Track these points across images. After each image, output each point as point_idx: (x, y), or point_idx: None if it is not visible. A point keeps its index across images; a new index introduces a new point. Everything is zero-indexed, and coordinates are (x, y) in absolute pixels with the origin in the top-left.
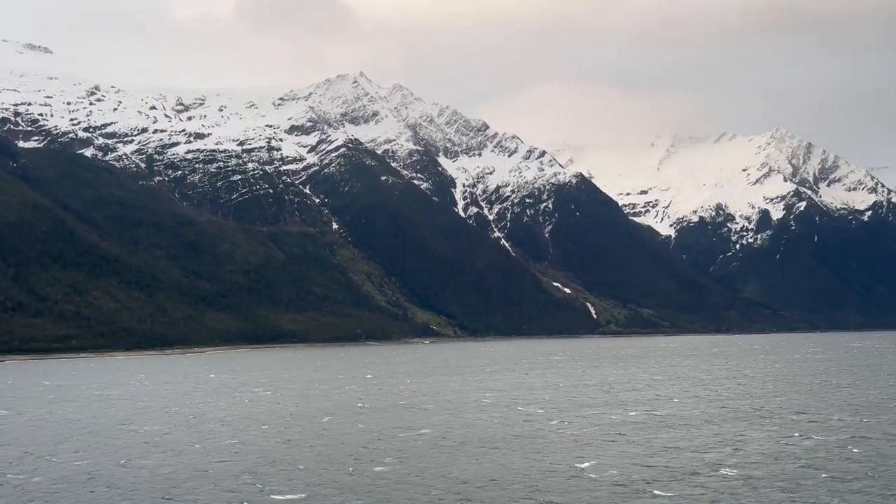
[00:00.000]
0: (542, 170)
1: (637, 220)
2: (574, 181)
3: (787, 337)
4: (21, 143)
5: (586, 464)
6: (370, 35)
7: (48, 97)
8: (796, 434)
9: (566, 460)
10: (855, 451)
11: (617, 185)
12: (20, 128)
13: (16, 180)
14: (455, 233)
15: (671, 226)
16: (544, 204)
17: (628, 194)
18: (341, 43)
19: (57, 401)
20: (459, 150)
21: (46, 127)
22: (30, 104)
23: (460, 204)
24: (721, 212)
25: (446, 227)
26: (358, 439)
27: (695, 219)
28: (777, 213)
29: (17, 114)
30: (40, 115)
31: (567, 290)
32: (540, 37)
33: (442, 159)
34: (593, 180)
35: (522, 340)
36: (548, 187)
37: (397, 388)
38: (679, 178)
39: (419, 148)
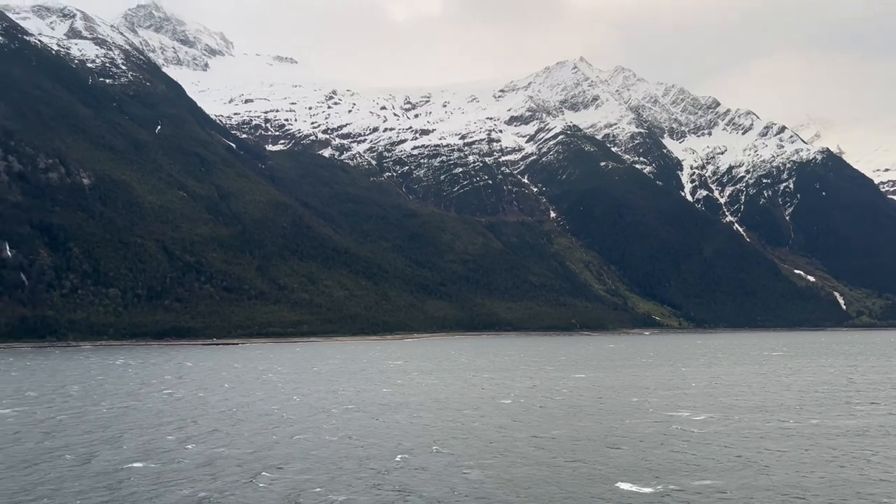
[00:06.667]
0: (782, 147)
1: None
2: (820, 158)
3: None
4: (269, 147)
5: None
6: (584, 20)
7: (293, 103)
8: None
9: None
10: None
11: (872, 161)
12: (269, 132)
13: (263, 181)
14: (681, 218)
15: None
16: (784, 184)
17: (886, 170)
18: (554, 30)
19: (229, 382)
20: (686, 130)
21: (291, 131)
22: (277, 111)
23: (687, 187)
24: None
25: (671, 212)
26: (431, 432)
27: None
28: None
29: (266, 120)
30: (286, 120)
31: (811, 279)
32: (764, 4)
33: (667, 141)
34: (843, 156)
35: (755, 333)
36: (788, 166)
37: (552, 383)
38: None
39: (642, 130)
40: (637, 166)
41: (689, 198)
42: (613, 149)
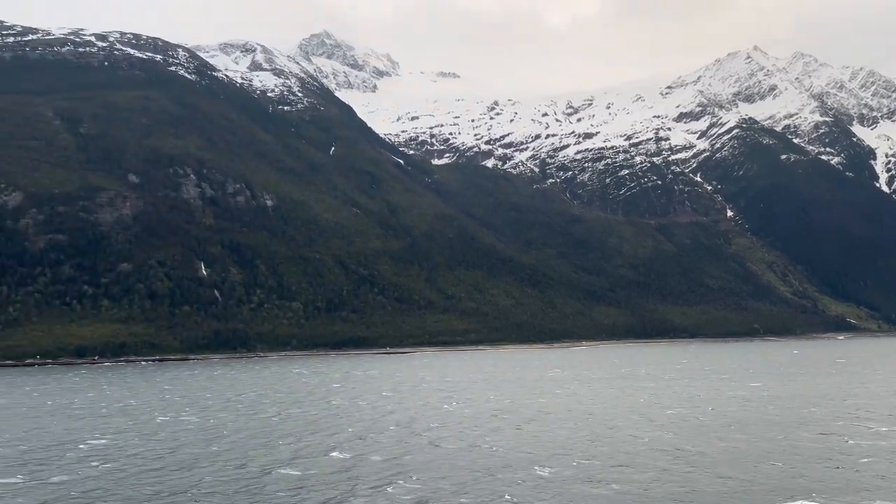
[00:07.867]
0: None
1: None
2: None
3: None
4: (435, 161)
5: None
6: (754, 6)
7: (456, 117)
8: None
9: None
10: None
11: None
12: (434, 147)
13: (429, 194)
14: (876, 211)
15: None
16: None
17: None
18: (721, 21)
19: (388, 391)
20: (879, 115)
21: (455, 144)
22: (442, 125)
23: (882, 177)
24: None
25: (864, 205)
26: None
27: None
28: None
29: (432, 135)
30: (450, 134)
31: None
32: None
33: (856, 128)
34: None
35: None
36: None
37: (720, 393)
38: None
39: (827, 119)
40: (823, 157)
41: (886, 188)
42: (795, 140)
